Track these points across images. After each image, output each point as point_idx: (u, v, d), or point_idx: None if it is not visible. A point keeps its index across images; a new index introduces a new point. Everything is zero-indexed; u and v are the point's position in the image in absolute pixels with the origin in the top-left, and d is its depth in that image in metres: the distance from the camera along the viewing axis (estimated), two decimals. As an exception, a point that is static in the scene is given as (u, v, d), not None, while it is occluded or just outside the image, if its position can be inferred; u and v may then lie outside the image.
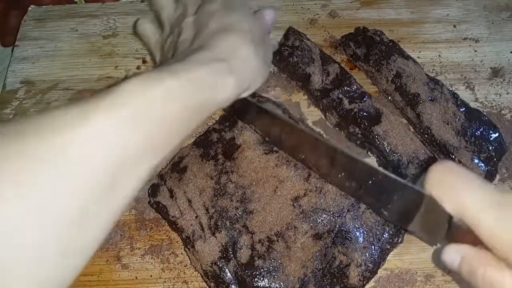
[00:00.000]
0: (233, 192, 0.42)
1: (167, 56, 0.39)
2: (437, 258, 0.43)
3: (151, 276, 0.43)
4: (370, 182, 0.37)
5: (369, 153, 0.49)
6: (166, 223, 0.45)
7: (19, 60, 0.58)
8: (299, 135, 0.41)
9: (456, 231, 0.28)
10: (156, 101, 0.26)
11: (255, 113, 0.43)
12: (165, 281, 0.43)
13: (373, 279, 0.42)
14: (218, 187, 0.43)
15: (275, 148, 0.44)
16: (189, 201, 0.43)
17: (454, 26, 0.59)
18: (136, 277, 0.43)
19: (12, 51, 0.59)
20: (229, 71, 0.31)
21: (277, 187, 0.42)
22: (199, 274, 0.43)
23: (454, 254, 0.27)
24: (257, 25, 0.38)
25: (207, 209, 0.42)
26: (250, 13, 0.38)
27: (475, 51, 0.57)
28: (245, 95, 0.36)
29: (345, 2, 0.61)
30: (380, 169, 0.35)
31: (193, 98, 0.28)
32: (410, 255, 0.44)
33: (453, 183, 0.26)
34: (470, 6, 0.61)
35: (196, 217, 0.42)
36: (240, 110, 0.44)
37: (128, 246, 0.45)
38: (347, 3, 0.61)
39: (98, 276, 0.43)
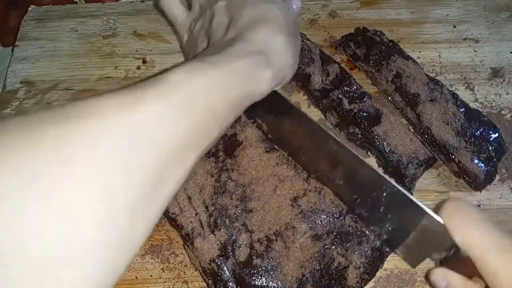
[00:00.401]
0: (233, 190, 0.43)
1: (197, 41, 0.38)
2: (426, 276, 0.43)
3: (151, 276, 0.43)
4: (368, 196, 0.38)
5: (369, 153, 0.49)
6: (166, 223, 0.45)
7: (19, 60, 0.58)
8: (310, 127, 0.39)
9: (452, 260, 0.32)
10: (200, 92, 0.26)
11: (271, 104, 0.41)
12: (165, 281, 0.43)
13: (372, 279, 0.42)
14: (218, 185, 0.43)
15: (276, 147, 0.44)
16: (189, 198, 0.43)
17: (454, 27, 0.59)
18: (136, 277, 0.43)
19: (12, 51, 0.59)
20: (266, 64, 0.31)
21: (277, 186, 0.42)
22: (199, 274, 0.43)
23: (441, 277, 0.30)
24: (289, 15, 0.37)
25: (206, 207, 0.42)
26: (281, 2, 0.38)
27: (475, 51, 0.57)
28: (278, 88, 0.36)
29: (345, 2, 0.61)
30: (386, 180, 0.35)
31: (233, 90, 0.28)
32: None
33: (469, 220, 0.29)
34: (470, 6, 0.61)
35: (196, 214, 0.42)
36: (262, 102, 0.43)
37: (128, 246, 0.45)
38: (347, 3, 0.61)
39: (98, 276, 0.43)
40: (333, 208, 0.41)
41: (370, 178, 0.36)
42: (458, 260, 0.31)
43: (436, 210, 0.32)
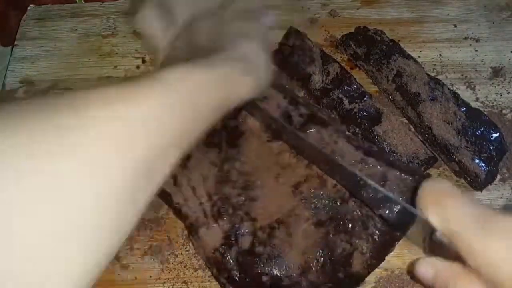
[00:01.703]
0: (236, 179, 0.43)
1: (178, 53, 0.40)
2: (411, 271, 0.42)
3: (150, 276, 0.43)
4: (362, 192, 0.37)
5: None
6: (166, 224, 0.45)
7: (18, 59, 0.58)
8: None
9: (434, 245, 0.29)
10: (192, 92, 0.28)
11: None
12: (164, 282, 0.43)
13: (373, 279, 0.42)
14: (221, 174, 0.43)
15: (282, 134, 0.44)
16: (193, 188, 0.43)
17: (455, 26, 0.59)
18: (135, 277, 0.43)
19: (12, 50, 0.59)
20: (248, 71, 0.34)
21: (279, 174, 0.43)
22: (198, 275, 0.43)
23: (427, 267, 0.28)
24: (265, 31, 0.40)
25: (210, 196, 0.42)
26: (260, 22, 0.40)
27: (476, 50, 0.57)
28: (253, 95, 0.38)
29: (345, 1, 0.61)
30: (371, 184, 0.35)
31: (217, 93, 0.31)
32: (411, 255, 0.44)
33: (441, 198, 0.28)
34: (471, 5, 0.60)
35: (200, 204, 0.42)
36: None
37: (128, 246, 0.45)
38: (348, 2, 0.61)
39: (97, 277, 0.43)
40: (336, 194, 0.41)
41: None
42: (438, 245, 0.28)
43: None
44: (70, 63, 0.57)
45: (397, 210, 0.36)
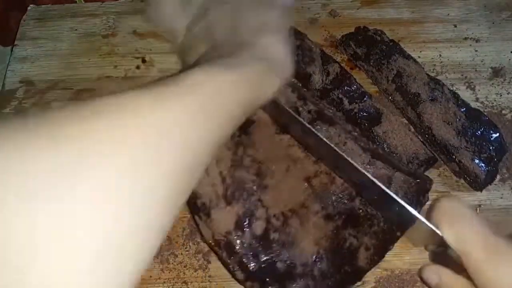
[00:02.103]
0: (249, 165, 0.43)
1: (195, 42, 0.38)
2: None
3: (150, 276, 0.43)
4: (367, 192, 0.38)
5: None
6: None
7: (18, 59, 0.58)
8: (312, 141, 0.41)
9: (439, 255, 0.33)
10: (216, 94, 0.27)
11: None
12: (164, 282, 0.43)
13: (373, 279, 0.42)
14: (235, 158, 0.43)
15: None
16: (206, 168, 0.42)
17: (455, 26, 0.59)
18: (135, 278, 0.43)
19: (12, 50, 0.59)
20: (272, 69, 0.33)
21: (289, 166, 0.43)
22: (198, 275, 0.43)
23: (433, 274, 0.31)
24: (286, 21, 0.39)
25: (223, 179, 0.42)
26: (281, 9, 0.39)
27: (476, 50, 0.57)
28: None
29: (345, 1, 0.61)
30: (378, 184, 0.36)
31: (245, 93, 0.30)
32: (411, 255, 0.44)
33: (458, 219, 0.30)
34: (471, 6, 0.60)
35: (213, 185, 0.42)
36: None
37: (128, 246, 0.45)
38: (348, 2, 0.61)
39: (97, 277, 0.43)
40: (343, 191, 0.42)
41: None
42: (447, 256, 0.31)
43: (430, 210, 0.32)
44: (70, 63, 0.57)
45: (399, 211, 0.37)
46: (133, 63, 0.57)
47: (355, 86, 0.50)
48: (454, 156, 0.46)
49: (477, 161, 0.45)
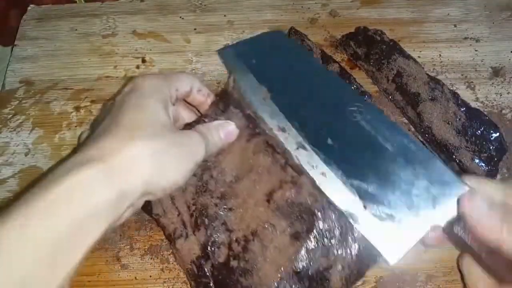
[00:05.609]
0: (213, 189, 0.41)
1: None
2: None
3: (150, 276, 0.43)
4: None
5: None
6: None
7: (18, 59, 0.58)
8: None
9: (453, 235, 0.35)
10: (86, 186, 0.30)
11: None
12: (164, 281, 0.43)
13: (373, 279, 0.42)
14: (200, 184, 0.41)
15: (258, 130, 0.42)
16: (172, 199, 0.41)
17: (455, 26, 0.59)
18: (135, 278, 0.43)
19: (12, 50, 0.59)
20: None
21: (255, 180, 0.40)
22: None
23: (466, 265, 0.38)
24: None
25: (188, 207, 0.41)
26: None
27: (476, 50, 0.57)
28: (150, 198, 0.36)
29: (345, 1, 0.61)
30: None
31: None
32: (411, 255, 0.44)
33: (492, 214, 0.33)
34: (471, 5, 0.60)
35: (178, 215, 0.41)
36: None
37: (128, 246, 0.45)
38: (348, 2, 0.61)
39: (97, 276, 0.43)
40: (312, 202, 0.38)
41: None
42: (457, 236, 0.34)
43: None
44: (70, 63, 0.57)
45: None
46: (133, 63, 0.57)
47: (355, 86, 0.50)
48: (454, 156, 0.46)
49: (477, 160, 0.45)
